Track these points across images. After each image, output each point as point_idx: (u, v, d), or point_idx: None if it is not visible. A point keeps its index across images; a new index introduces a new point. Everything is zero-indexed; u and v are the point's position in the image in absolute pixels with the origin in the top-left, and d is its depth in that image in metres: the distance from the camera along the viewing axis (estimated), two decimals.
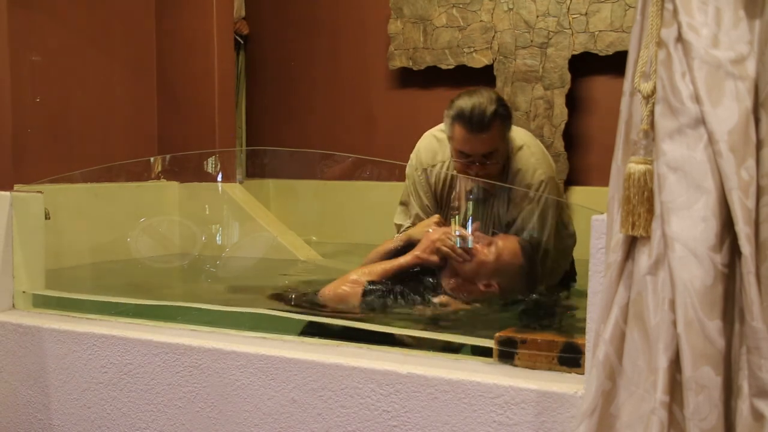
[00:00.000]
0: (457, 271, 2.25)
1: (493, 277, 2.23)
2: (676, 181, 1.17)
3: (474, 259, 2.23)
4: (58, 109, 3.49)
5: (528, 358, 1.63)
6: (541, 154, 2.56)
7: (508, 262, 2.24)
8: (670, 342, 1.16)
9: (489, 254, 2.23)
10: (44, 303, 2.31)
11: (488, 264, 2.22)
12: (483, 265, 2.22)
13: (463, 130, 2.35)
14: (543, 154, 2.57)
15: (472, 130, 2.33)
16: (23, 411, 2.14)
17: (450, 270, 2.27)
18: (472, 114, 2.31)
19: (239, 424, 1.84)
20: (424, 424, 1.63)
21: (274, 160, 4.47)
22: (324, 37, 4.65)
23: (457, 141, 2.39)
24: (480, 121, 2.31)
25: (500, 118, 2.35)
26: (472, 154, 2.38)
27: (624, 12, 3.78)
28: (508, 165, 2.48)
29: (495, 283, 2.23)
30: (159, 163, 3.75)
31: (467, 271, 2.24)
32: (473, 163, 2.39)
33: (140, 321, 2.13)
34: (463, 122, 2.34)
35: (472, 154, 2.38)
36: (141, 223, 3.44)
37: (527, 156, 2.49)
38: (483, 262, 2.22)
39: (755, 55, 1.15)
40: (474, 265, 2.23)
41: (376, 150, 4.44)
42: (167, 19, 3.98)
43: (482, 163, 2.39)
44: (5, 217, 2.26)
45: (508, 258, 2.24)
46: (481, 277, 2.24)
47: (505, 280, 2.24)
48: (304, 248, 3.64)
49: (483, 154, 2.37)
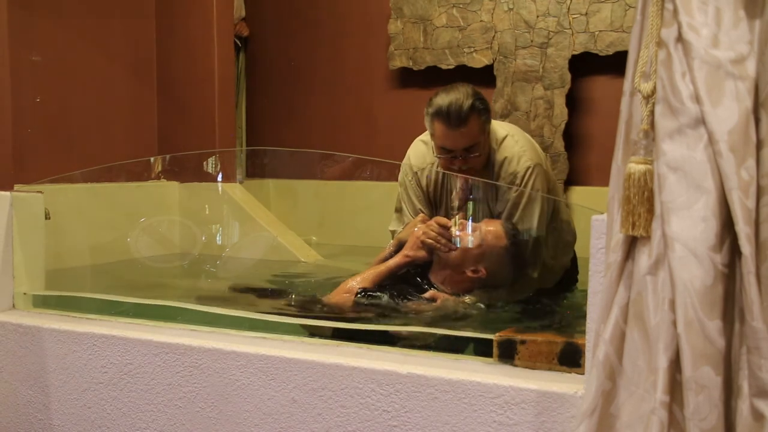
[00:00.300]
0: (445, 262, 2.29)
1: (479, 262, 2.27)
2: (676, 181, 1.17)
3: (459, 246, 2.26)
4: (58, 109, 3.49)
5: (528, 358, 1.63)
6: (526, 141, 2.59)
7: (492, 245, 2.27)
8: (670, 342, 1.16)
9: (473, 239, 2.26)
10: (44, 302, 2.31)
11: (472, 249, 2.26)
12: (468, 251, 2.27)
13: (442, 126, 2.41)
14: (528, 142, 2.60)
15: (451, 125, 2.39)
16: (23, 411, 2.14)
17: (438, 262, 2.31)
18: (450, 110, 2.37)
19: (239, 424, 1.84)
20: (424, 424, 1.63)
21: (274, 160, 4.47)
22: (324, 37, 4.65)
23: (438, 137, 2.45)
24: (458, 116, 2.37)
25: (477, 112, 2.40)
26: (453, 149, 2.43)
27: (624, 12, 3.78)
28: (492, 156, 2.52)
29: (482, 268, 2.27)
30: (159, 163, 3.75)
31: (453, 260, 2.28)
32: (456, 157, 2.44)
33: (140, 321, 2.13)
34: (441, 118, 2.40)
35: (453, 149, 2.43)
36: (141, 223, 3.44)
37: (511, 144, 2.53)
38: (467, 249, 2.26)
39: (755, 55, 1.15)
40: (459, 252, 2.27)
41: (376, 150, 4.43)
42: (167, 19, 3.98)
43: (464, 158, 2.44)
44: (5, 217, 2.26)
45: (491, 240, 2.27)
46: (467, 263, 2.28)
47: (491, 263, 2.27)
48: (304, 248, 3.64)
49: (464, 148, 2.42)
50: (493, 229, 2.30)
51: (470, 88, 2.45)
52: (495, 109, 3.99)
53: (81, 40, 3.60)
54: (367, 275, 2.36)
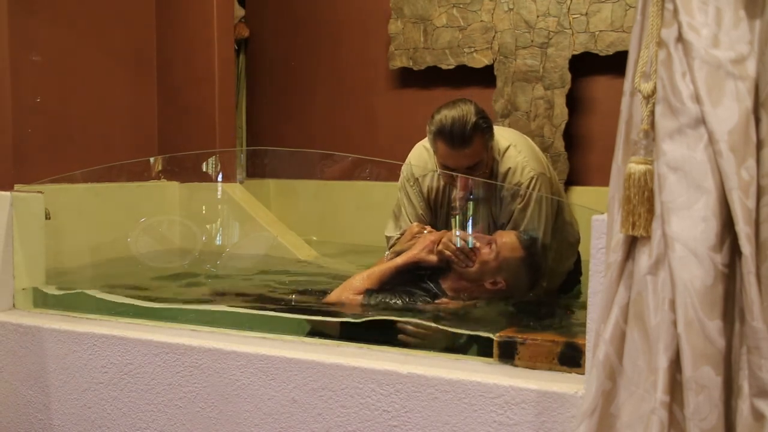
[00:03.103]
0: (462, 275, 2.28)
1: (497, 274, 2.27)
2: (677, 181, 1.17)
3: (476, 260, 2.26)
4: (58, 109, 3.49)
5: (528, 358, 1.63)
6: (529, 150, 2.57)
7: (509, 257, 2.27)
8: (670, 342, 1.16)
9: (490, 253, 2.26)
10: (44, 302, 2.31)
11: (490, 262, 2.26)
12: (486, 264, 2.26)
13: (444, 146, 2.38)
14: (531, 151, 2.58)
15: (454, 146, 2.35)
16: (24, 411, 2.14)
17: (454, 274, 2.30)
18: (453, 130, 2.33)
19: (239, 424, 1.84)
20: (424, 424, 1.63)
21: (275, 160, 4.47)
22: (324, 37, 4.65)
23: (441, 156, 2.43)
24: (461, 137, 2.33)
25: (481, 131, 2.37)
26: (456, 168, 2.40)
27: (624, 12, 3.78)
28: (495, 167, 2.50)
29: (501, 280, 2.27)
30: (159, 163, 3.75)
31: (472, 274, 2.27)
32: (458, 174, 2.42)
33: (140, 321, 2.13)
34: (444, 138, 2.36)
35: (456, 168, 2.40)
36: (141, 223, 3.44)
37: (514, 155, 2.51)
38: (485, 262, 2.26)
39: (755, 55, 1.15)
40: (477, 266, 2.26)
41: (376, 150, 4.43)
42: (167, 18, 3.98)
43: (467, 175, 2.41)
44: (6, 217, 2.26)
45: (508, 253, 2.27)
46: (486, 276, 2.27)
47: (510, 275, 2.27)
48: (304, 248, 3.64)
49: (467, 167, 2.40)
50: (509, 241, 2.30)
51: (473, 105, 2.41)
52: (495, 109, 3.99)
53: (81, 40, 3.60)
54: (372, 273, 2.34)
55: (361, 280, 2.34)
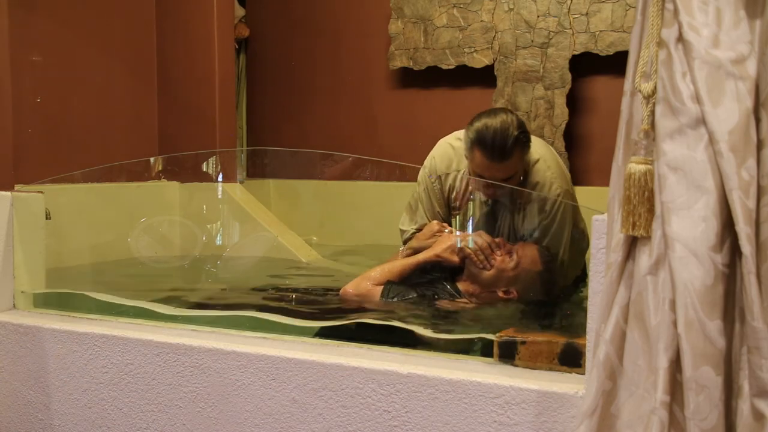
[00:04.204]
0: (477, 278, 2.28)
1: (512, 284, 2.27)
2: (677, 181, 1.17)
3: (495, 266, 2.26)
4: (59, 109, 3.49)
5: (528, 358, 1.63)
6: (557, 166, 2.54)
7: (527, 270, 2.28)
8: (670, 342, 1.16)
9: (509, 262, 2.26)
10: (44, 302, 2.31)
11: (508, 272, 2.27)
12: (503, 273, 2.27)
13: (483, 157, 2.31)
14: (558, 166, 2.55)
15: (493, 158, 2.29)
16: (24, 411, 2.14)
17: (469, 276, 2.30)
18: (494, 143, 2.26)
19: (240, 424, 1.84)
20: (424, 424, 1.63)
21: (275, 160, 4.47)
22: (325, 37, 4.65)
23: (477, 165, 2.35)
24: (501, 151, 2.27)
25: (521, 145, 2.32)
26: (490, 179, 2.35)
27: (625, 12, 3.78)
28: (525, 179, 2.46)
29: (514, 290, 2.28)
30: (159, 163, 3.75)
31: (487, 279, 2.28)
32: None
33: (140, 321, 2.13)
34: (483, 149, 2.29)
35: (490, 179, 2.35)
36: (141, 223, 3.44)
37: (543, 170, 2.47)
38: (503, 270, 2.27)
39: (756, 55, 1.15)
40: (494, 273, 2.27)
41: (376, 150, 4.44)
42: (167, 18, 3.98)
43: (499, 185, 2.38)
44: (6, 217, 2.26)
45: (527, 265, 2.28)
46: (501, 284, 2.28)
47: (524, 286, 2.28)
48: (304, 248, 3.64)
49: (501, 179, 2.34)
50: (529, 253, 2.30)
51: (514, 116, 2.35)
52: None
53: (81, 40, 3.60)
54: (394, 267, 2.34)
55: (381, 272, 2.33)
